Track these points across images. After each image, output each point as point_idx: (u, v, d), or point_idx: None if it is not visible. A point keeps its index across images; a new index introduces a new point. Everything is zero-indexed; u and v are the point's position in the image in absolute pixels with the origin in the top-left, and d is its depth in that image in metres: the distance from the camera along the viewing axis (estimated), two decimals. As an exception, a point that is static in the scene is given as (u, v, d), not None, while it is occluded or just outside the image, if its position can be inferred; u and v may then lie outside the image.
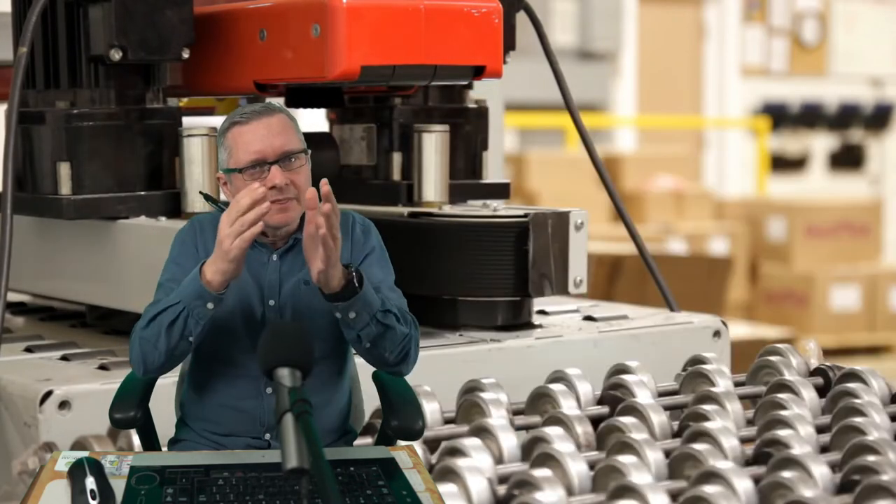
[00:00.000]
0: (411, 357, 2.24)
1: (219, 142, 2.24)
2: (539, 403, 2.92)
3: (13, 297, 3.72)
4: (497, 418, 2.75)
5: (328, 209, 2.03)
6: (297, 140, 2.22)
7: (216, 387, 2.26)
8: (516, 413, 2.89)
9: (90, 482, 1.89)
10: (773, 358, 3.14)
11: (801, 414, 2.71)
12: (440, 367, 3.18)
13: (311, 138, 2.48)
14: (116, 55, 3.24)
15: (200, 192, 2.21)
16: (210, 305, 2.12)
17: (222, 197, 2.42)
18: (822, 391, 3.01)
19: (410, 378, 2.44)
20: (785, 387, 2.92)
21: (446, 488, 2.31)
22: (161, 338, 2.14)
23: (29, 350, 3.30)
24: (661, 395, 3.03)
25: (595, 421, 2.76)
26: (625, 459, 2.41)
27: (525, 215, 3.42)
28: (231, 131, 2.21)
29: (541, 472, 2.37)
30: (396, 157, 3.70)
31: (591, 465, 2.46)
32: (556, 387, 2.91)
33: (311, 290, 2.20)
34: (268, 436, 2.25)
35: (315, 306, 2.19)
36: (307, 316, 2.21)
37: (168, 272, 2.26)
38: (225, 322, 2.22)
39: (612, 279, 6.84)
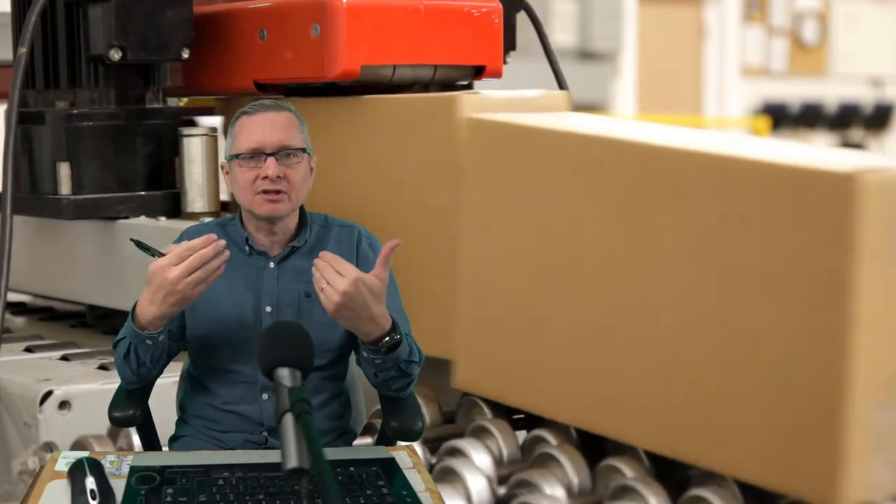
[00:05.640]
0: (413, 386, 2.25)
1: (228, 132, 2.28)
2: (539, 403, 2.92)
3: (13, 297, 3.72)
4: (497, 418, 2.75)
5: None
6: (300, 139, 2.24)
7: (215, 390, 2.27)
8: (516, 413, 2.89)
9: (90, 482, 1.89)
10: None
11: (801, 414, 2.71)
12: (440, 367, 3.18)
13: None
14: (116, 55, 3.24)
15: (132, 240, 2.21)
16: (149, 342, 2.17)
17: (223, 186, 2.39)
18: (822, 391, 3.00)
19: (410, 378, 2.43)
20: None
21: (446, 488, 2.31)
22: (125, 364, 2.22)
23: (29, 350, 3.30)
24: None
25: (595, 421, 2.76)
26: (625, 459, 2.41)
27: (525, 215, 3.41)
28: (239, 120, 2.25)
29: (541, 472, 2.37)
30: (397, 157, 3.69)
31: (591, 465, 2.46)
32: (556, 387, 2.90)
33: (311, 303, 2.20)
34: (265, 434, 2.25)
35: (315, 318, 2.19)
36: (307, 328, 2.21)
37: None
38: (220, 330, 2.22)
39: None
